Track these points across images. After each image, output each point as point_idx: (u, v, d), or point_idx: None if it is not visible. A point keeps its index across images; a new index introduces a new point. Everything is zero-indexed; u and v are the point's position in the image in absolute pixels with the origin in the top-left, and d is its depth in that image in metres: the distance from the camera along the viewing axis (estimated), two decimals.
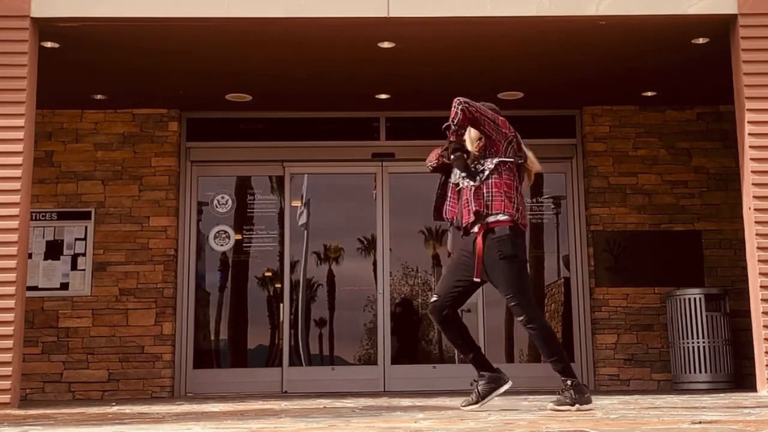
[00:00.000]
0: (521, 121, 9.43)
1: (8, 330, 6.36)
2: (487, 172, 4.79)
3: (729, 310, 8.54)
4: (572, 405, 4.52)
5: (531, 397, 6.69)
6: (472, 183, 4.80)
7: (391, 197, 9.42)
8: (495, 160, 4.81)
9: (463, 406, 4.82)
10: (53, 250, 8.93)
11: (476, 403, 4.80)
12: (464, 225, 4.82)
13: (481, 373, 4.88)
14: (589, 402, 4.61)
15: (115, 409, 5.83)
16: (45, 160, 8.94)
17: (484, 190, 4.77)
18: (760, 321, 6.58)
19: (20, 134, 6.59)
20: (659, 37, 7.45)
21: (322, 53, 7.80)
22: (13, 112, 6.60)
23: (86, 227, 8.97)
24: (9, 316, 6.37)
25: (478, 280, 4.75)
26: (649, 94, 8.97)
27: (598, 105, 9.29)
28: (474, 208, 4.74)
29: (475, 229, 4.78)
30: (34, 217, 8.62)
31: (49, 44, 7.23)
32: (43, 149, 8.94)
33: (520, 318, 4.69)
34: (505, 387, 4.84)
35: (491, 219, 4.74)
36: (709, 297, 8.54)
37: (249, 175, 9.63)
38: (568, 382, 4.60)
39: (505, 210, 4.72)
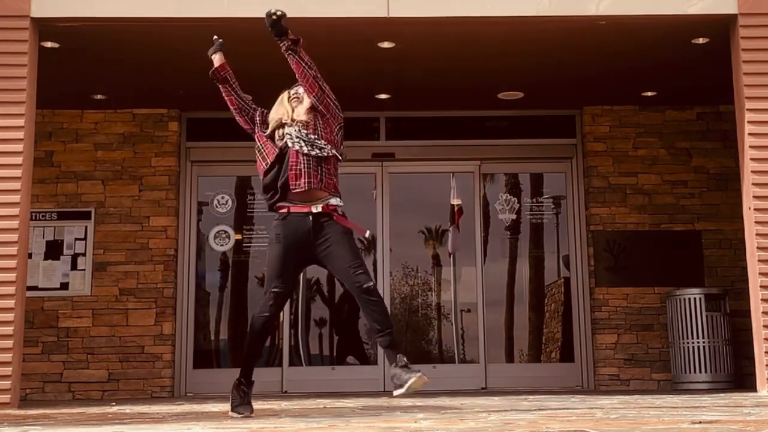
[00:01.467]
0: (521, 121, 9.59)
1: (8, 330, 6.35)
2: (326, 151, 4.76)
3: (729, 310, 8.54)
4: (415, 374, 4.37)
5: (531, 397, 6.69)
6: (307, 150, 4.73)
7: (391, 197, 9.42)
8: (333, 151, 4.80)
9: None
10: (53, 250, 8.93)
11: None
12: (295, 189, 4.69)
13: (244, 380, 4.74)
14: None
15: (115, 409, 5.83)
16: (45, 160, 8.94)
17: (324, 167, 4.74)
18: (760, 321, 6.58)
19: (20, 134, 6.59)
20: (659, 37, 7.45)
21: (322, 53, 7.76)
22: (13, 112, 6.60)
23: (86, 227, 8.96)
24: (9, 316, 6.37)
25: (367, 235, 4.72)
26: (649, 94, 8.97)
27: (598, 105, 9.29)
28: (314, 182, 4.68)
29: (316, 208, 4.68)
30: (34, 217, 8.62)
31: (49, 44, 7.23)
32: (43, 149, 8.93)
33: (370, 284, 4.57)
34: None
35: (333, 201, 4.74)
36: (709, 297, 8.54)
37: (249, 175, 9.61)
38: (405, 359, 4.48)
39: (338, 195, 4.78)
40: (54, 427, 3.94)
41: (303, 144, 4.77)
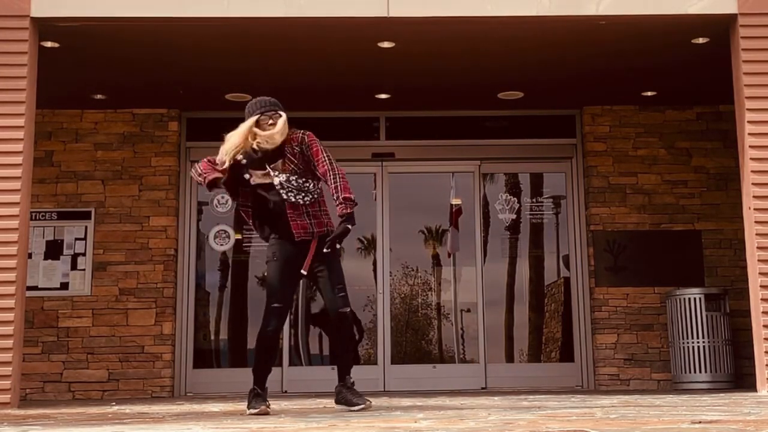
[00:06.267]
0: (521, 121, 9.59)
1: (8, 330, 6.36)
2: (316, 195, 4.99)
3: (729, 310, 8.54)
4: (363, 403, 4.84)
5: (531, 397, 6.69)
6: (301, 199, 4.92)
7: (391, 197, 9.42)
8: (320, 189, 5.04)
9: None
10: (53, 250, 8.93)
11: None
12: (299, 238, 4.92)
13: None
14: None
15: (115, 409, 5.83)
16: (45, 160, 8.94)
17: (320, 207, 4.99)
18: (760, 321, 6.58)
19: (20, 134, 6.59)
20: (659, 37, 7.45)
21: (322, 53, 7.80)
22: (13, 112, 6.60)
23: (86, 227, 8.96)
24: (9, 316, 6.37)
25: (305, 272, 4.92)
26: (649, 94, 8.97)
27: (598, 105, 9.29)
28: (317, 231, 4.91)
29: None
30: (34, 217, 8.62)
31: (49, 44, 7.23)
32: (43, 149, 8.94)
33: (347, 308, 4.94)
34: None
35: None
36: (709, 297, 8.54)
37: None
38: (352, 380, 4.96)
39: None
40: (54, 427, 3.94)
41: (295, 194, 4.91)
